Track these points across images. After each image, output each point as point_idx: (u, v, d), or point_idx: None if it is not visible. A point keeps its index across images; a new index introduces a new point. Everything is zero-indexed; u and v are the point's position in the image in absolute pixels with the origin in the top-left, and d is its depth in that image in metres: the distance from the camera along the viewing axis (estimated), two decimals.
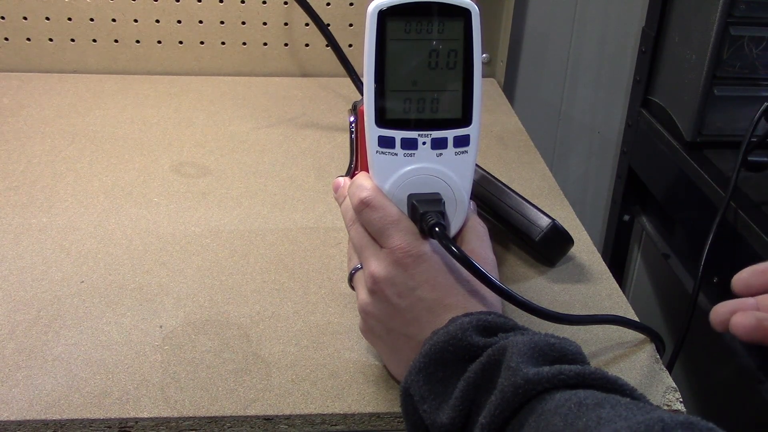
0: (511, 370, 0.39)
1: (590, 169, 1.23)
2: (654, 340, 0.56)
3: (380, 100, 0.48)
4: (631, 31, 1.12)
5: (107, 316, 0.56)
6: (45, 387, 0.50)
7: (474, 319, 0.44)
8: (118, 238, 0.66)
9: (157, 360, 0.52)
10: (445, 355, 0.43)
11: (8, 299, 0.58)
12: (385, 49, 0.47)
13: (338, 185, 0.55)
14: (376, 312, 0.49)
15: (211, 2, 0.99)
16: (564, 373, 0.38)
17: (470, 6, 0.47)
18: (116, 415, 0.48)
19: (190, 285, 0.61)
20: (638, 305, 1.18)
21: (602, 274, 0.64)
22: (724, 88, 0.87)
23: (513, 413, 0.38)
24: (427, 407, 0.42)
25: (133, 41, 1.01)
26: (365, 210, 0.49)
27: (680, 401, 0.51)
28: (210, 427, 0.49)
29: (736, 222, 0.78)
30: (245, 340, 0.55)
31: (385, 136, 0.48)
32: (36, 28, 0.99)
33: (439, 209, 0.48)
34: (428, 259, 0.47)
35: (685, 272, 0.96)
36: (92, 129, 0.87)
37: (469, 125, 0.49)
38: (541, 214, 0.64)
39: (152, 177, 0.77)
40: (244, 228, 0.69)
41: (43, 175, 0.76)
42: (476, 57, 0.48)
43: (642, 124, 1.04)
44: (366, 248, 0.49)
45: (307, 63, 1.05)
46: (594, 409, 0.36)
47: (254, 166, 0.80)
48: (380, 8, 0.46)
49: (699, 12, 0.88)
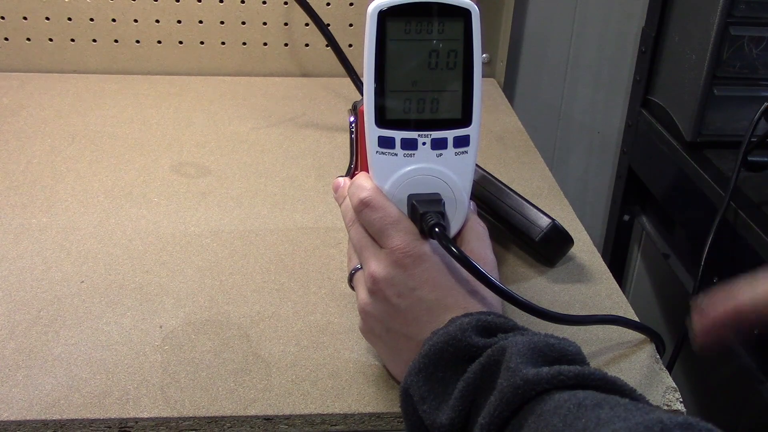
0: (510, 371, 0.39)
1: (590, 169, 1.23)
2: (654, 341, 0.56)
3: (380, 100, 0.48)
4: (631, 31, 1.12)
5: (107, 316, 0.56)
6: (45, 387, 0.50)
7: (474, 320, 0.44)
8: (118, 238, 0.66)
9: (157, 360, 0.52)
10: (445, 355, 0.43)
11: (8, 299, 0.58)
12: (385, 50, 0.47)
13: (338, 185, 0.55)
14: (376, 312, 0.49)
15: (211, 2, 0.99)
16: (563, 373, 0.38)
17: (470, 6, 0.47)
18: (116, 415, 0.48)
19: (190, 285, 0.61)
20: (638, 305, 1.18)
21: (602, 274, 0.64)
22: (724, 88, 0.87)
23: (512, 414, 0.38)
24: (427, 407, 0.42)
25: (133, 41, 1.01)
26: (365, 210, 0.49)
27: (680, 401, 0.51)
28: (210, 427, 0.49)
29: (736, 222, 0.78)
30: (245, 340, 0.55)
31: (385, 136, 0.48)
32: (36, 28, 0.99)
33: (439, 209, 0.48)
34: (428, 260, 0.47)
35: (685, 272, 0.96)
36: (92, 129, 0.87)
37: (469, 125, 0.49)
38: (541, 214, 0.64)
39: (152, 177, 0.77)
40: (244, 228, 0.69)
41: (43, 175, 0.76)
42: (476, 57, 0.48)
43: (642, 124, 1.04)
44: (366, 248, 0.49)
45: (307, 63, 1.05)
46: (593, 409, 0.35)
47: (254, 166, 0.80)
48: (380, 8, 0.46)
49: (699, 12, 0.87)
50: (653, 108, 1.01)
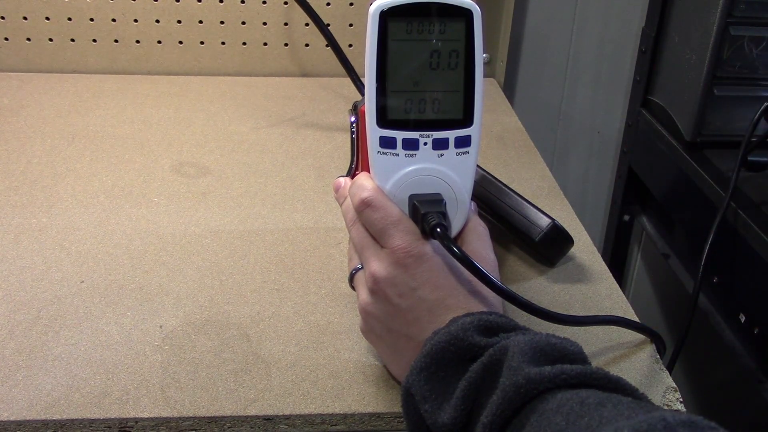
0: (512, 370, 0.39)
1: (590, 169, 1.23)
2: (655, 341, 0.56)
3: (381, 100, 0.48)
4: (631, 31, 1.12)
5: (107, 316, 0.56)
6: (45, 387, 0.50)
7: (475, 319, 0.44)
8: (118, 238, 0.66)
9: (157, 360, 0.52)
10: (447, 354, 0.43)
11: (8, 299, 0.58)
12: (386, 50, 0.47)
13: (339, 185, 0.55)
14: (377, 312, 0.49)
15: (211, 2, 0.99)
16: (566, 372, 0.38)
17: (472, 7, 0.47)
18: (116, 415, 0.48)
19: (190, 285, 0.61)
20: (638, 305, 1.18)
21: (602, 274, 0.64)
22: (724, 88, 0.87)
23: (514, 412, 0.38)
24: (429, 407, 0.42)
25: (133, 41, 1.01)
26: (366, 210, 0.49)
27: (680, 401, 0.51)
28: (210, 427, 0.49)
29: (736, 222, 0.78)
30: (245, 340, 0.55)
31: (387, 136, 0.48)
32: (36, 28, 0.99)
33: (440, 210, 0.48)
34: (429, 260, 0.47)
35: (685, 272, 0.96)
36: (92, 129, 0.87)
37: (471, 126, 0.49)
38: (541, 214, 0.64)
39: (152, 177, 0.77)
40: (244, 228, 0.69)
41: (43, 175, 0.76)
42: (477, 58, 0.48)
43: (642, 124, 1.04)
44: (367, 248, 0.49)
45: (307, 63, 1.05)
46: (596, 408, 0.36)
47: (254, 166, 0.80)
48: (382, 8, 0.46)
49: (699, 12, 0.88)
50: (653, 108, 1.01)
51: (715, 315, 0.86)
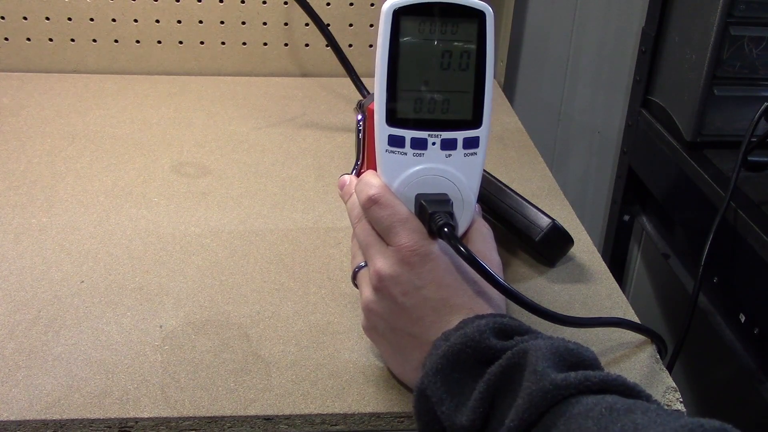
0: (537, 374, 0.39)
1: (590, 169, 1.23)
2: (657, 343, 0.56)
3: (391, 99, 0.48)
4: (631, 31, 1.12)
5: (107, 316, 0.56)
6: (45, 387, 0.50)
7: (490, 322, 0.44)
8: (118, 238, 0.66)
9: (157, 360, 0.52)
10: (462, 356, 0.43)
11: (8, 299, 0.58)
12: (398, 48, 0.47)
13: (344, 183, 0.55)
14: (380, 310, 0.49)
15: (211, 2, 0.99)
16: (589, 379, 0.39)
17: (485, 8, 0.47)
18: (116, 415, 0.48)
19: (190, 285, 0.61)
20: (638, 305, 1.18)
21: (602, 274, 0.64)
22: (724, 88, 0.87)
23: (539, 417, 0.39)
24: (446, 409, 0.42)
25: (133, 41, 1.01)
26: (373, 207, 0.49)
27: (680, 401, 0.51)
28: (210, 427, 0.49)
29: (736, 222, 0.78)
30: (245, 340, 0.55)
31: (395, 135, 0.48)
32: (36, 28, 0.99)
33: (447, 210, 0.48)
34: (435, 259, 0.47)
35: (685, 272, 0.96)
36: (92, 129, 0.87)
37: (479, 127, 0.49)
38: (541, 214, 0.64)
39: (152, 177, 0.77)
40: (244, 228, 0.69)
41: (43, 175, 0.76)
42: (489, 59, 0.48)
43: (642, 124, 1.04)
44: (372, 246, 0.49)
45: (307, 63, 1.05)
46: (626, 414, 0.36)
47: (254, 166, 0.80)
48: (395, 7, 0.46)
49: (699, 12, 0.88)
50: (653, 108, 1.01)
51: (715, 315, 0.86)
